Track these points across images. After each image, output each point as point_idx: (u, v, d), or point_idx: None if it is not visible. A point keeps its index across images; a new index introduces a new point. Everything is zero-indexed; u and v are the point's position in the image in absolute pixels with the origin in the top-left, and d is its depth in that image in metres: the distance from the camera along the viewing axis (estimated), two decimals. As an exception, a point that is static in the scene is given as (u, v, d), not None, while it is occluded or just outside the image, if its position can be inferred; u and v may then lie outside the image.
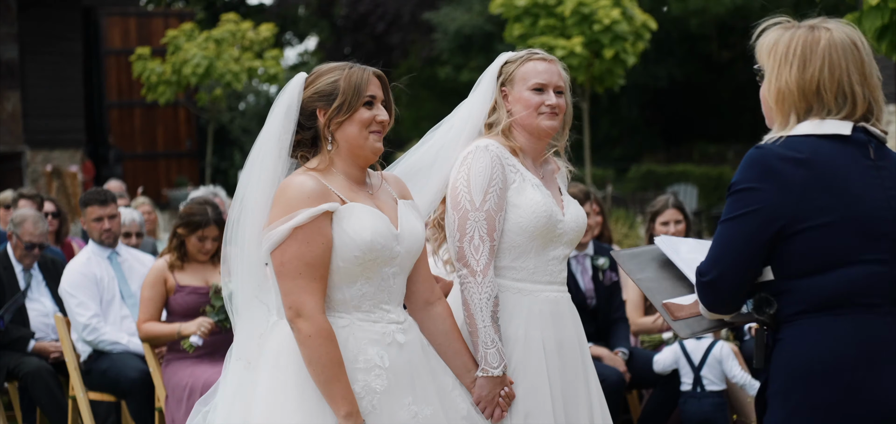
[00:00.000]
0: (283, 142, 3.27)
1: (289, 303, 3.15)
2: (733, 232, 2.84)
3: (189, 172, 23.92)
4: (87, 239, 7.01)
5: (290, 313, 3.16)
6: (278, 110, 3.29)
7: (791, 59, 2.88)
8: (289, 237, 3.13)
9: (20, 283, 7.09)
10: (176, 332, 6.00)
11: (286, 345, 3.21)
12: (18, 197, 8.57)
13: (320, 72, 3.32)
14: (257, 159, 3.29)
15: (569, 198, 3.85)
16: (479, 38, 25.37)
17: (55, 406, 6.65)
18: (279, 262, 3.16)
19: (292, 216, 3.14)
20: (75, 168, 20.42)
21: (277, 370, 3.21)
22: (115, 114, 23.42)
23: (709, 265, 2.88)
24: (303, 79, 3.32)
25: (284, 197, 3.17)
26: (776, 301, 2.84)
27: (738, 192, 2.84)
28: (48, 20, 21.30)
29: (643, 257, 3.27)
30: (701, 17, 25.57)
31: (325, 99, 3.27)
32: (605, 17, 14.51)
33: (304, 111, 3.27)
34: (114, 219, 6.75)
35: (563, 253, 3.77)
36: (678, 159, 27.03)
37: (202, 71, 17.74)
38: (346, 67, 3.31)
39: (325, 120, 3.26)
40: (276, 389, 3.18)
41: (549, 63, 3.81)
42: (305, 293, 3.13)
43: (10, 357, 6.83)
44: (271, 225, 3.16)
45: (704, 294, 2.91)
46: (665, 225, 6.63)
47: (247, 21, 19.10)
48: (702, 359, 6.01)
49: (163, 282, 6.09)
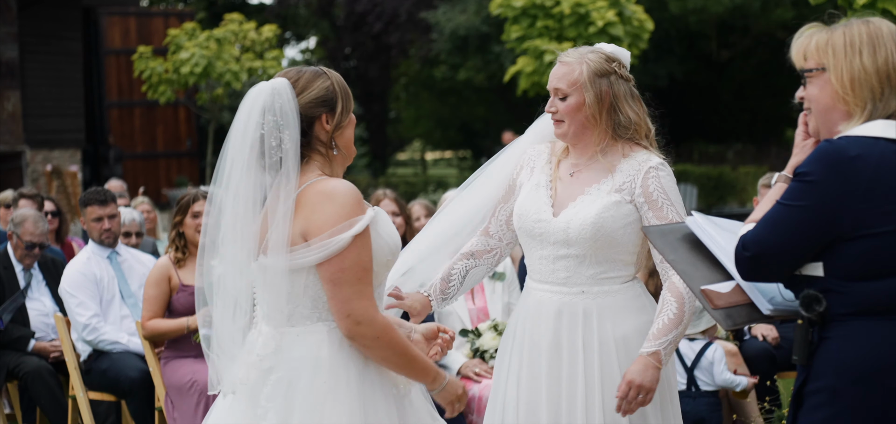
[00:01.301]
0: (286, 153, 3.15)
1: (347, 311, 3.11)
2: (790, 219, 2.81)
3: (189, 172, 23.93)
4: (87, 239, 7.02)
5: (349, 321, 3.12)
6: (256, 120, 3.15)
7: (860, 47, 2.89)
8: (350, 244, 3.09)
9: (20, 283, 7.10)
10: (184, 326, 6.03)
11: (325, 351, 3.15)
12: (19, 196, 8.57)
13: (305, 78, 3.23)
14: (231, 177, 3.17)
15: (588, 200, 3.73)
16: (475, 39, 25.38)
17: (55, 405, 6.66)
18: (338, 269, 3.10)
19: (352, 223, 3.09)
20: (75, 168, 20.44)
21: (318, 377, 3.15)
22: (115, 113, 23.42)
23: (755, 241, 2.85)
24: (289, 85, 3.19)
25: (333, 202, 3.11)
26: (825, 298, 2.80)
27: (804, 182, 2.81)
28: (48, 20, 21.31)
29: (673, 236, 3.17)
30: (700, 16, 25.57)
31: (327, 105, 3.22)
32: (600, 19, 14.50)
33: (303, 119, 3.19)
34: (114, 219, 6.75)
35: (551, 253, 3.75)
36: (678, 159, 27.00)
37: (200, 70, 17.74)
38: (322, 71, 3.27)
39: (331, 127, 3.22)
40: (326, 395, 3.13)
41: (558, 65, 3.82)
42: (364, 297, 3.12)
43: (10, 357, 6.83)
44: (328, 233, 3.09)
45: (743, 266, 2.88)
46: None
47: (250, 21, 19.09)
48: (695, 360, 6.01)
49: (167, 280, 6.12)
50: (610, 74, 3.76)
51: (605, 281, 3.74)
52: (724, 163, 25.65)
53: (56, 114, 21.41)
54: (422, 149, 39.86)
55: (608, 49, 3.83)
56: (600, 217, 3.69)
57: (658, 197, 3.71)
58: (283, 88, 3.18)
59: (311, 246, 3.10)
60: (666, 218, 3.68)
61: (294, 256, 3.12)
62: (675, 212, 3.70)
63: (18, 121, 20.45)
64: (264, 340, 3.21)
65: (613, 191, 3.72)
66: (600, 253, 3.71)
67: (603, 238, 3.70)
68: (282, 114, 3.15)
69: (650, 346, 3.60)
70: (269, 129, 3.14)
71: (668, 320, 3.63)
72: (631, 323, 3.74)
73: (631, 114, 3.78)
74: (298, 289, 3.16)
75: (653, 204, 3.70)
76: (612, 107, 3.76)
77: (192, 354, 6.09)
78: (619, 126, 3.76)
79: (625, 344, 3.71)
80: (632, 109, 3.79)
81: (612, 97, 3.75)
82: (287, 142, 3.14)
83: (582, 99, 3.73)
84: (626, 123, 3.77)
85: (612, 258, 3.73)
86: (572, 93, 3.73)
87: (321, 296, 3.16)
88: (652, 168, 3.73)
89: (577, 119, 3.75)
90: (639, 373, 3.57)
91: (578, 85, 3.73)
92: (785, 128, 31.84)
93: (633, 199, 3.72)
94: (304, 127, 3.19)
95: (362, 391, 3.15)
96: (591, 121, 3.75)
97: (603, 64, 3.76)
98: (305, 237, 3.12)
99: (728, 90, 28.96)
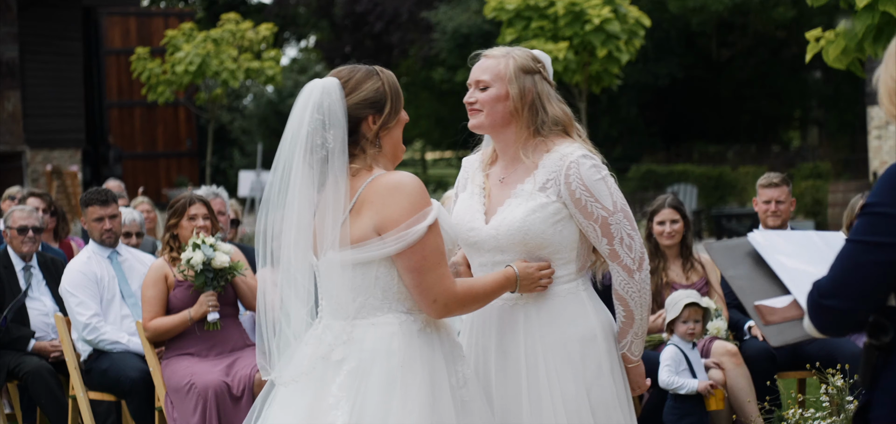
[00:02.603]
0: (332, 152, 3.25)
1: (433, 296, 3.26)
2: (866, 259, 2.62)
3: (189, 172, 23.94)
4: (87, 239, 7.02)
5: (437, 305, 3.27)
6: (307, 118, 3.26)
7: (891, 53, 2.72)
8: (427, 233, 3.23)
9: (20, 283, 7.10)
10: (187, 319, 6.05)
11: (397, 343, 3.26)
12: (28, 195, 8.59)
13: (356, 79, 3.33)
14: (286, 175, 3.29)
15: (514, 204, 3.67)
16: (476, 38, 25.37)
17: (55, 405, 6.66)
18: (420, 258, 3.23)
19: (425, 213, 3.24)
20: (75, 168, 20.44)
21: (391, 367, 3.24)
22: (115, 114, 23.44)
23: (832, 287, 2.66)
24: (339, 85, 3.30)
25: (404, 193, 3.24)
26: (892, 327, 2.65)
27: (876, 216, 2.62)
28: (48, 20, 21.32)
29: (737, 252, 3.07)
30: (700, 15, 25.58)
31: (375, 106, 3.32)
32: (596, 16, 14.49)
33: (351, 119, 3.29)
34: (115, 219, 6.75)
35: (488, 260, 3.69)
36: (678, 159, 27.02)
37: (194, 68, 17.75)
38: (375, 71, 3.37)
39: (376, 126, 3.32)
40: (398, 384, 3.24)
41: (483, 59, 3.76)
42: (446, 279, 3.28)
43: (11, 357, 6.84)
44: (404, 225, 3.22)
45: (821, 316, 2.68)
46: (661, 224, 6.63)
47: (247, 21, 19.09)
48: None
49: (163, 280, 6.14)
50: (535, 73, 3.72)
51: None
52: (724, 163, 25.61)
53: (56, 114, 21.43)
54: (422, 149, 39.87)
55: (533, 51, 3.81)
56: (526, 220, 3.61)
57: (580, 194, 3.59)
58: (333, 88, 3.29)
59: (385, 239, 3.23)
60: (590, 215, 3.60)
61: (365, 250, 3.24)
62: (598, 207, 3.60)
63: (18, 121, 20.46)
64: (334, 333, 3.30)
65: (537, 191, 3.63)
66: (534, 255, 3.63)
67: (533, 240, 3.61)
68: (329, 113, 3.26)
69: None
70: (314, 127, 3.25)
71: (621, 325, 3.71)
72: (574, 326, 3.66)
73: (554, 111, 3.72)
74: (368, 282, 3.28)
75: (576, 201, 3.60)
76: (534, 104, 3.69)
77: (193, 354, 6.09)
78: (542, 123, 3.69)
79: (563, 348, 3.64)
80: (555, 107, 3.73)
81: (535, 94, 3.70)
82: (331, 141, 3.25)
83: (505, 91, 3.67)
84: (550, 120, 3.70)
85: (549, 259, 3.65)
86: (495, 85, 3.68)
87: (391, 287, 3.28)
88: (572, 162, 3.61)
89: (496, 110, 3.68)
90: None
91: (503, 77, 3.68)
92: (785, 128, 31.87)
93: (560, 197, 3.62)
94: (351, 126, 3.29)
95: (432, 380, 3.27)
96: (512, 115, 3.68)
97: (529, 62, 3.72)
98: (379, 231, 3.24)
99: (728, 90, 28.96)
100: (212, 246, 5.99)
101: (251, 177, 20.10)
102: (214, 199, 7.14)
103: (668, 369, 5.94)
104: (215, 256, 5.95)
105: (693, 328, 6.01)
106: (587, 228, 3.64)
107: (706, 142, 28.99)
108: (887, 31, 6.70)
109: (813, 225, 17.43)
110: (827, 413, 5.25)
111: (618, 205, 3.64)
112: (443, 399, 3.27)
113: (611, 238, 3.63)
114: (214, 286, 6.00)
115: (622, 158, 27.28)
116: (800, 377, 6.66)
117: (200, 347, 6.10)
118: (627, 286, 3.66)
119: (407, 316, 3.30)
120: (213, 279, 5.99)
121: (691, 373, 5.96)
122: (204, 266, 5.95)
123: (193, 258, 5.94)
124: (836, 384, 5.24)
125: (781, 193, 6.73)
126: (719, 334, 6.26)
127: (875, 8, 6.57)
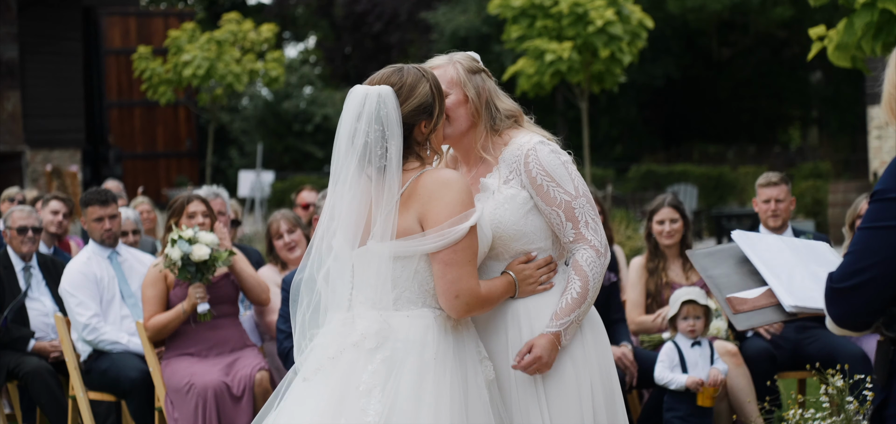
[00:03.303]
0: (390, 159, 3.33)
1: (456, 291, 3.34)
2: (878, 243, 2.64)
3: (189, 172, 23.94)
4: (87, 239, 7.02)
5: (458, 301, 3.35)
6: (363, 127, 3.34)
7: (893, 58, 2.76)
8: (469, 231, 3.34)
9: (20, 283, 7.10)
10: (180, 312, 6.06)
11: (431, 336, 3.36)
12: (52, 198, 8.58)
13: (408, 84, 3.39)
14: (343, 174, 3.39)
15: (482, 199, 3.67)
16: (475, 39, 25.38)
17: (55, 405, 6.66)
18: (452, 252, 3.32)
19: (469, 214, 3.33)
20: (75, 168, 20.45)
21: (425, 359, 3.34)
22: (115, 113, 23.43)
23: (847, 273, 2.68)
24: (393, 94, 3.36)
25: (452, 190, 3.33)
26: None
27: (885, 201, 2.66)
28: (48, 20, 21.32)
29: (720, 255, 3.19)
30: (699, 15, 25.58)
31: (427, 112, 3.41)
32: (599, 18, 14.49)
33: (405, 126, 3.37)
34: (114, 220, 6.75)
35: None
36: (678, 159, 27.02)
37: (203, 73, 17.75)
38: (421, 73, 3.44)
39: (428, 130, 3.42)
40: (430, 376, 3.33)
41: (444, 67, 3.73)
42: (472, 277, 3.36)
43: (10, 357, 6.84)
44: (451, 221, 3.30)
45: (837, 304, 2.69)
46: (661, 223, 6.64)
47: (248, 21, 19.09)
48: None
49: (163, 279, 6.14)
50: (479, 72, 3.75)
51: None
52: (724, 163, 25.61)
53: (56, 114, 21.43)
54: (422, 149, 39.86)
55: (465, 53, 3.81)
56: (495, 214, 3.62)
57: (541, 180, 3.62)
58: (389, 97, 3.36)
59: (427, 235, 3.33)
60: (553, 200, 3.62)
61: (408, 244, 3.34)
62: (560, 191, 3.62)
63: (18, 121, 20.46)
64: (367, 322, 3.38)
65: (502, 185, 3.65)
66: (510, 247, 3.63)
67: (507, 233, 3.62)
68: (388, 124, 3.35)
69: (554, 325, 3.58)
70: (375, 138, 3.34)
71: (572, 300, 3.59)
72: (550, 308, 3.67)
73: (505, 105, 3.76)
74: (407, 275, 3.37)
75: (537, 188, 3.62)
76: (488, 102, 3.73)
77: (193, 354, 6.09)
78: (497, 119, 3.72)
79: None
80: (505, 101, 3.77)
81: (487, 92, 3.73)
82: (392, 150, 3.34)
83: (463, 95, 3.69)
84: (502, 114, 3.74)
85: (526, 249, 3.65)
86: (452, 91, 3.68)
87: (428, 282, 3.37)
88: (530, 150, 3.64)
89: (459, 115, 3.69)
90: (543, 348, 3.55)
91: (456, 82, 3.69)
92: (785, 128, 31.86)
93: (523, 186, 3.64)
94: (405, 132, 3.37)
95: (463, 376, 3.36)
96: (473, 117, 3.71)
97: (472, 63, 3.75)
98: (422, 224, 3.33)
99: (728, 90, 28.96)
100: (190, 240, 5.95)
101: (251, 177, 20.09)
102: (215, 199, 7.14)
103: (661, 365, 5.98)
104: (192, 250, 5.91)
105: (693, 325, 6.02)
106: (551, 215, 3.64)
107: (706, 142, 28.97)
108: (886, 28, 6.70)
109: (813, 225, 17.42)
110: (827, 413, 5.25)
111: (580, 190, 3.66)
112: (472, 395, 3.36)
113: (576, 222, 3.64)
114: (200, 278, 5.99)
115: (622, 158, 27.30)
116: (800, 377, 6.65)
117: (200, 347, 6.10)
118: (594, 264, 3.64)
119: (441, 312, 3.39)
120: (196, 273, 5.98)
121: (683, 369, 5.97)
122: (184, 261, 5.93)
123: (172, 254, 5.94)
124: (837, 384, 5.23)
125: (780, 192, 6.72)
126: (719, 334, 6.26)
127: (874, 5, 6.58)
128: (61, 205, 8.27)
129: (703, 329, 6.08)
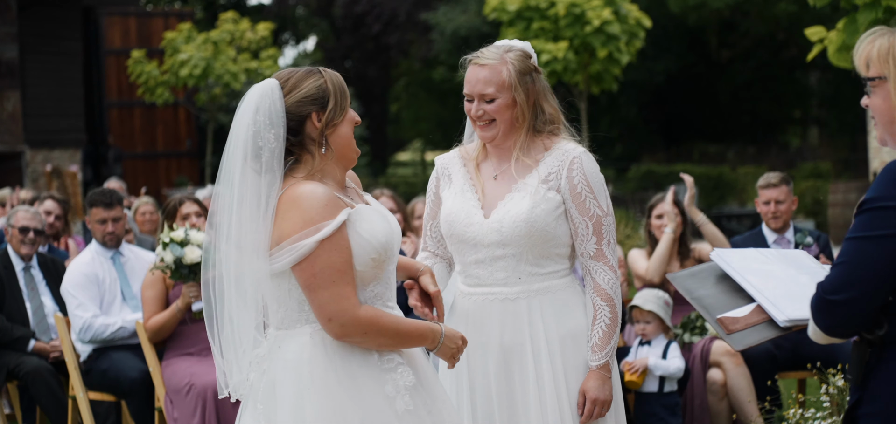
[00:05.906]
0: (272, 153, 3.15)
1: (328, 315, 3.11)
2: (871, 253, 2.60)
3: (189, 172, 23.93)
4: (89, 238, 7.02)
5: (333, 325, 3.12)
6: (247, 121, 3.16)
7: None
8: (316, 248, 3.09)
9: (21, 283, 7.10)
10: (176, 311, 6.08)
11: (306, 354, 3.17)
12: (46, 198, 8.57)
13: (295, 78, 3.22)
14: (230, 177, 3.18)
15: (518, 197, 3.69)
16: (475, 39, 25.35)
17: (55, 405, 6.66)
18: (310, 275, 3.10)
19: (318, 228, 3.08)
20: (75, 168, 20.44)
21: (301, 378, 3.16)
22: (115, 113, 23.42)
23: (839, 284, 2.63)
24: (278, 85, 3.19)
25: (298, 208, 3.10)
26: (887, 321, 2.65)
27: (877, 210, 2.61)
28: (48, 20, 21.31)
29: (702, 274, 3.17)
30: (700, 14, 25.56)
31: (317, 103, 3.20)
32: (596, 18, 14.48)
33: (292, 118, 3.18)
34: (118, 223, 6.74)
35: (487, 255, 3.72)
36: (678, 159, 27.01)
37: (199, 72, 17.75)
38: (315, 70, 3.26)
39: (321, 124, 3.20)
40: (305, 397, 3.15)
41: (477, 68, 3.71)
42: (343, 299, 3.11)
43: (10, 357, 6.83)
44: (293, 239, 3.09)
45: (828, 315, 2.66)
46: (660, 218, 6.72)
47: (245, 20, 19.09)
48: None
49: (162, 280, 6.16)
50: (531, 72, 3.74)
51: (544, 278, 3.72)
52: (724, 163, 25.61)
53: (56, 114, 21.42)
54: (422, 150, 39.87)
55: (519, 45, 3.79)
56: (533, 212, 3.66)
57: (581, 188, 3.68)
58: (273, 88, 3.18)
59: (274, 253, 3.12)
60: (587, 211, 3.68)
61: (272, 260, 3.14)
62: (596, 205, 3.69)
63: (18, 121, 20.46)
64: (268, 343, 3.25)
65: (541, 184, 3.69)
66: (536, 249, 3.68)
67: (537, 233, 3.67)
68: (270, 114, 3.15)
69: (599, 359, 3.65)
70: (258, 129, 3.15)
71: (607, 326, 3.67)
72: (574, 320, 3.73)
73: (550, 109, 3.77)
74: (284, 293, 3.19)
75: (575, 196, 3.68)
76: (536, 105, 3.74)
77: (193, 354, 6.10)
78: (540, 122, 3.75)
79: (572, 341, 3.70)
80: (549, 104, 3.78)
81: (536, 94, 3.74)
82: (273, 142, 3.14)
83: (512, 99, 3.69)
84: (546, 118, 3.75)
85: (549, 253, 3.70)
86: (500, 95, 3.68)
87: (305, 300, 3.16)
88: (576, 158, 3.70)
89: (505, 118, 3.70)
90: (597, 389, 3.64)
91: (507, 86, 3.68)
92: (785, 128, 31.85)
93: (560, 190, 3.69)
94: (294, 126, 3.18)
95: (349, 393, 3.14)
96: (518, 121, 3.72)
97: (524, 62, 3.73)
98: (278, 242, 3.13)
99: (728, 90, 28.94)
100: (181, 242, 5.96)
101: (251, 176, 20.03)
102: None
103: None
104: (184, 253, 5.92)
105: (643, 328, 6.24)
106: (579, 225, 3.69)
107: (706, 142, 28.97)
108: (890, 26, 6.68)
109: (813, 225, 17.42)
110: (827, 413, 5.24)
111: (609, 209, 3.73)
112: (369, 409, 3.14)
113: (600, 238, 3.70)
114: (194, 278, 6.00)
115: (622, 158, 27.29)
116: (800, 377, 6.65)
117: (200, 347, 6.10)
118: (615, 286, 3.72)
119: (320, 327, 3.17)
120: (189, 273, 5.98)
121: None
122: (176, 264, 5.94)
123: (165, 257, 5.95)
124: (837, 384, 5.23)
125: (780, 193, 6.71)
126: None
127: (878, 4, 6.56)
128: (55, 205, 8.27)
129: (657, 331, 6.17)
